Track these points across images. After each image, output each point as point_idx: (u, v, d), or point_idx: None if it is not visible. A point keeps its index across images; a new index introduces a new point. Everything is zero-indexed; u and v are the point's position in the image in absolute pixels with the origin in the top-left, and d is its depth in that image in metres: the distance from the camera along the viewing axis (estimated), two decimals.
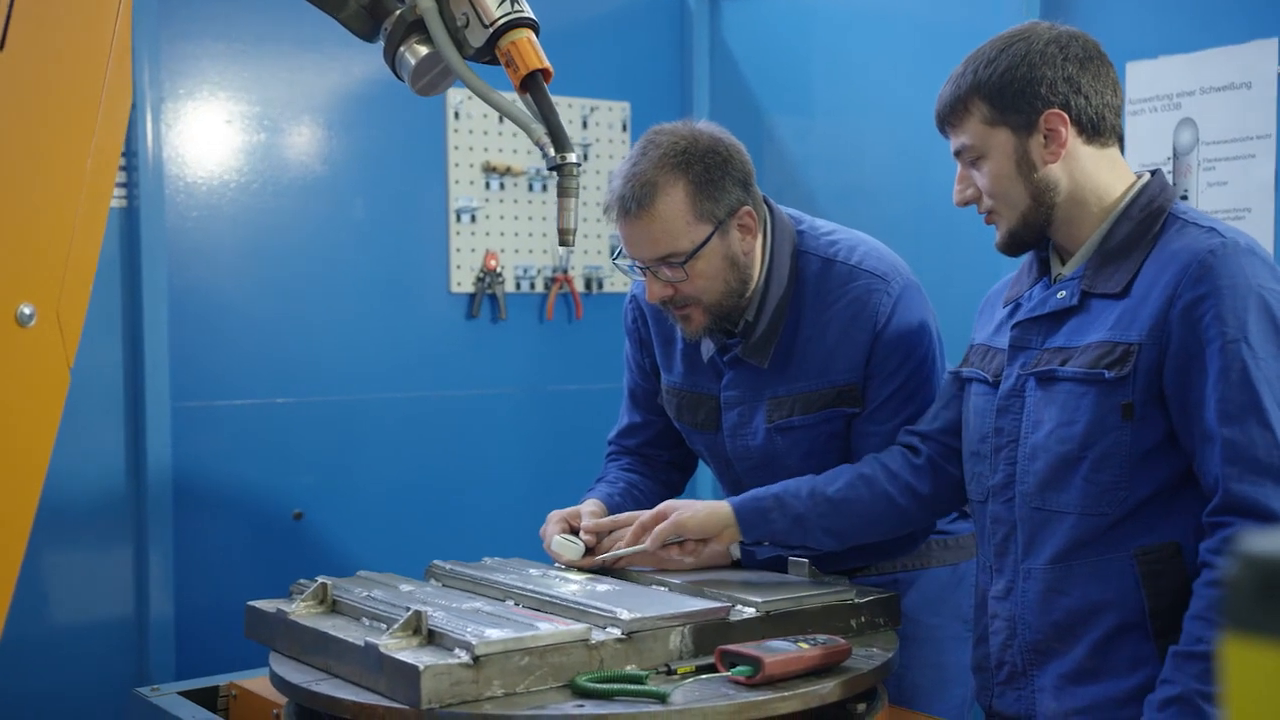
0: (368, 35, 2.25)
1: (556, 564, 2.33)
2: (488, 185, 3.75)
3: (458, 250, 3.71)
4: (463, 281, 3.72)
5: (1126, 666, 1.85)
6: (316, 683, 1.86)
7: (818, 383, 2.32)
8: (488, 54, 2.10)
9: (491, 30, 2.05)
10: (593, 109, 3.94)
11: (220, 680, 2.38)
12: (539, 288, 3.85)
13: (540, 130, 2.04)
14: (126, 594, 3.25)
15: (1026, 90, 1.90)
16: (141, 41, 3.17)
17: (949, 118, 1.97)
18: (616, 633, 1.86)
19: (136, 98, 3.18)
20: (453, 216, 3.70)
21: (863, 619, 2.12)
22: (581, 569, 2.29)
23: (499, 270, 3.75)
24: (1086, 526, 1.86)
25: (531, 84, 2.05)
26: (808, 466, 2.32)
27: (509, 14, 2.05)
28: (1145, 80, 3.01)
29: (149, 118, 3.21)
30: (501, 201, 3.77)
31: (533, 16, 2.08)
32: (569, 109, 3.88)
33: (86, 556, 3.22)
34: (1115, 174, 1.95)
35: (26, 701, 3.10)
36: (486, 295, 3.75)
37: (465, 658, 1.73)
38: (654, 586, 2.18)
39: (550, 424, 3.89)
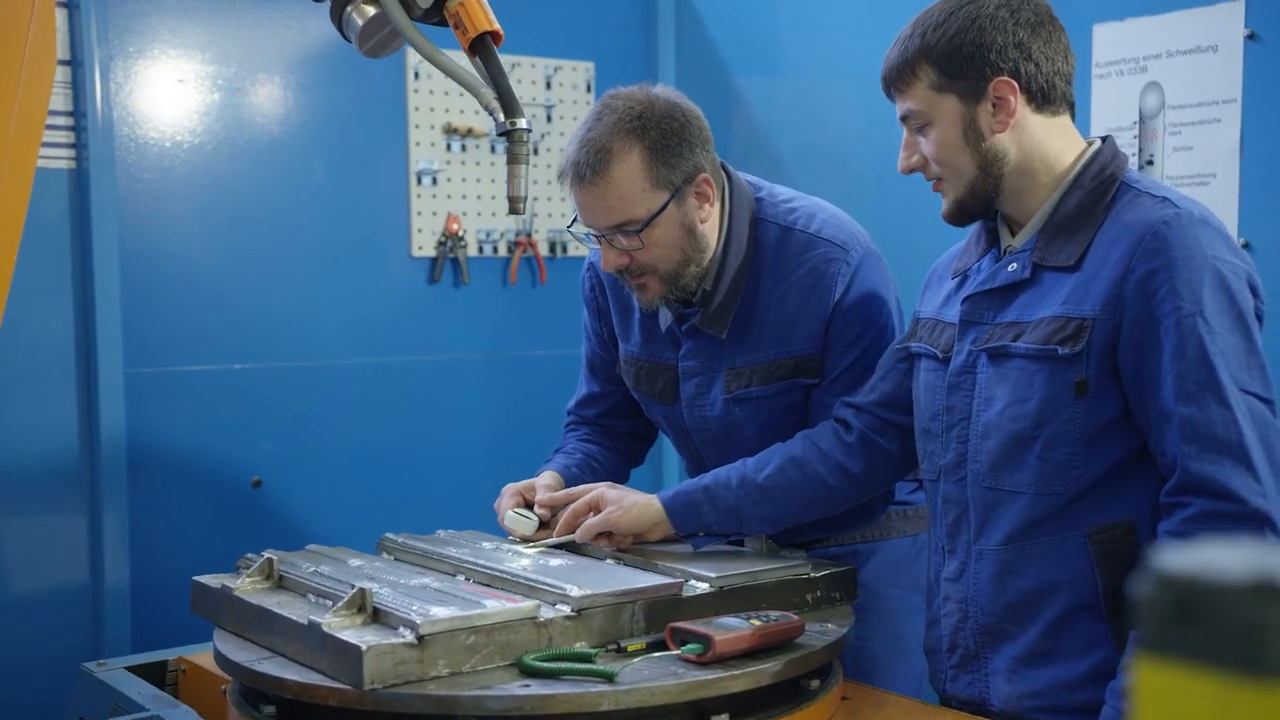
0: None
1: (511, 537, 2.30)
2: (449, 147, 3.69)
3: (418, 213, 3.65)
4: (424, 245, 3.67)
5: (1081, 648, 1.82)
6: (259, 661, 1.82)
7: (776, 353, 2.28)
8: (436, 15, 2.04)
9: None
10: (556, 69, 3.87)
11: (169, 654, 2.34)
12: (502, 251, 3.79)
13: (490, 94, 1.99)
14: (81, 564, 3.20)
15: (975, 56, 1.85)
16: None
17: (895, 82, 1.92)
18: (566, 610, 1.83)
19: (84, 55, 3.11)
20: (413, 179, 3.64)
21: (818, 593, 2.09)
22: (535, 542, 2.25)
23: (461, 234, 3.69)
24: (1040, 506, 1.83)
25: (481, 47, 1.99)
26: (766, 438, 2.28)
27: None
28: (1111, 43, 2.97)
29: (97, 77, 3.13)
30: (463, 164, 3.71)
31: None
32: (531, 69, 3.82)
33: (39, 526, 3.17)
34: (1065, 142, 1.90)
35: None
36: (448, 259, 3.69)
37: (409, 637, 1.69)
38: (608, 561, 2.15)
39: (514, 389, 3.84)
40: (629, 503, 2.18)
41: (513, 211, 1.98)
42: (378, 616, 1.78)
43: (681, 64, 4.04)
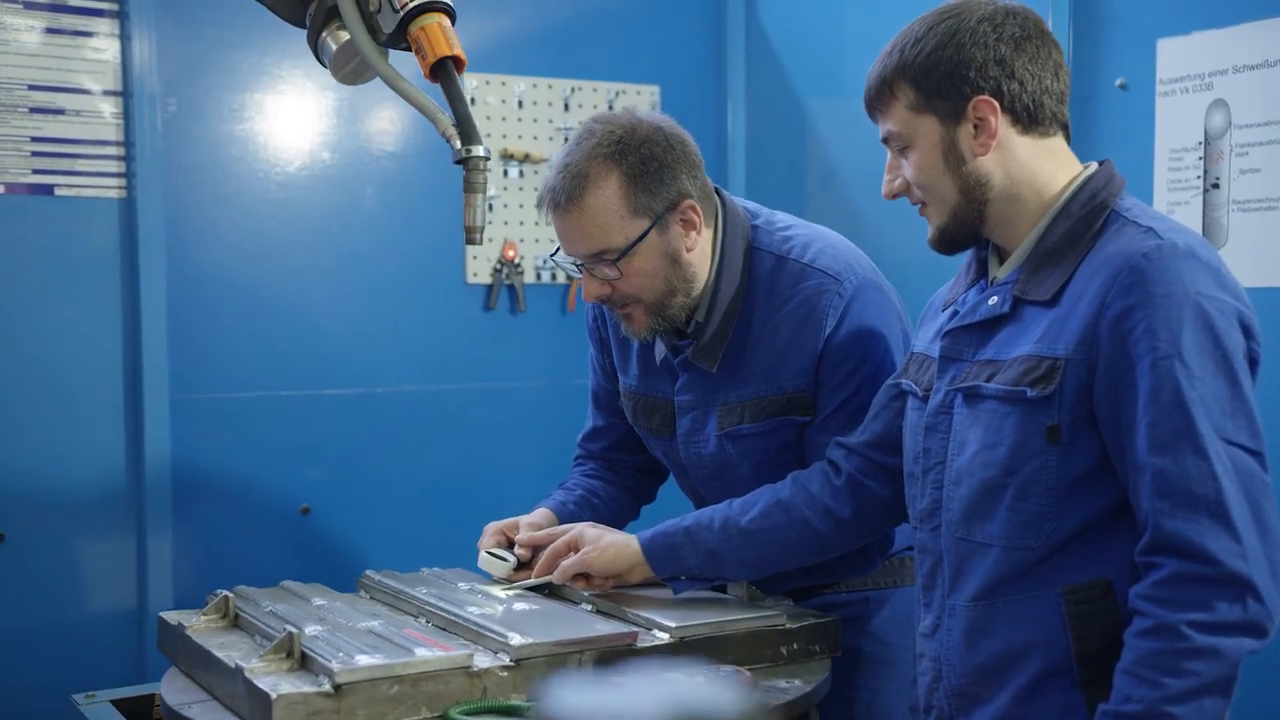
0: (297, 20, 2.16)
1: (495, 577, 2.23)
2: (505, 173, 3.64)
3: None
4: (479, 272, 3.62)
5: (1054, 716, 1.66)
6: (189, 705, 1.78)
7: (767, 389, 2.16)
8: (403, 41, 1.98)
9: (401, 15, 1.93)
10: (619, 93, 3.80)
11: (157, 688, 2.31)
12: (560, 278, 3.72)
13: (447, 121, 1.92)
14: (128, 590, 3.22)
15: (953, 74, 1.71)
16: (140, 29, 3.13)
17: (874, 102, 1.80)
18: (505, 659, 1.75)
19: (134, 87, 3.14)
20: None
21: (795, 646, 1.97)
22: (512, 584, 2.18)
23: (518, 261, 3.64)
24: (1011, 561, 1.68)
25: (440, 72, 1.93)
26: (761, 477, 2.17)
27: None
28: (1176, 58, 2.78)
29: (146, 107, 3.16)
30: (521, 190, 3.66)
31: (446, 1, 1.95)
32: (594, 93, 3.75)
33: (86, 552, 3.19)
34: (1056, 167, 1.75)
35: (22, 694, 3.09)
36: (504, 286, 3.64)
37: (326, 686, 1.63)
38: (583, 607, 2.06)
39: (572, 418, 3.74)
40: (606, 543, 2.09)
41: (469, 242, 1.91)
42: (305, 662, 1.72)
43: (751, 88, 3.93)
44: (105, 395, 3.19)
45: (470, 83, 3.58)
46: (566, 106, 3.72)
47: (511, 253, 3.64)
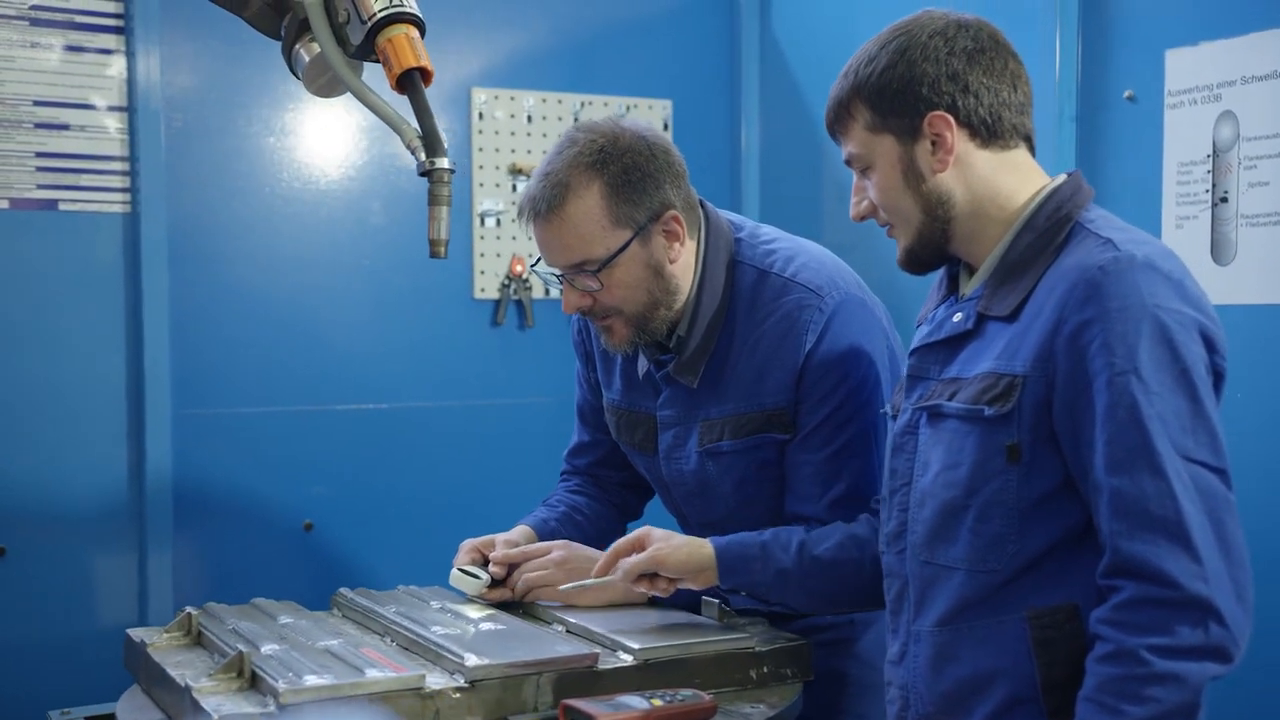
0: (273, 34, 2.14)
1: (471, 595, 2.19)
2: (514, 188, 3.62)
3: (481, 255, 3.59)
4: (486, 287, 3.59)
5: None
6: None
7: (747, 405, 2.11)
8: (371, 52, 1.96)
9: (369, 26, 1.91)
10: (630, 108, 3.76)
11: None
12: None
13: (413, 133, 1.89)
14: (129, 605, 3.21)
15: (906, 91, 1.68)
16: (146, 44, 3.14)
17: (834, 124, 1.77)
18: (460, 680, 1.71)
19: (138, 102, 3.15)
20: (476, 220, 3.58)
21: (765, 669, 1.92)
22: (489, 602, 2.14)
23: (526, 276, 3.61)
24: (975, 584, 1.63)
25: (407, 83, 1.90)
26: (744, 495, 2.13)
27: (387, 9, 1.90)
28: (1185, 70, 2.71)
29: (151, 122, 3.16)
30: None
31: (415, 12, 1.92)
32: (604, 108, 3.72)
33: (87, 566, 3.18)
34: (1020, 180, 1.70)
35: (20, 709, 3.08)
36: (512, 301, 3.61)
37: (271, 706, 1.60)
38: (554, 627, 2.02)
39: None
40: (679, 541, 2.01)
41: (433, 255, 1.88)
42: (255, 682, 1.69)
43: (765, 101, 3.88)
44: (108, 410, 3.18)
45: (479, 97, 3.56)
46: (576, 121, 3.69)
47: (519, 268, 3.61)
